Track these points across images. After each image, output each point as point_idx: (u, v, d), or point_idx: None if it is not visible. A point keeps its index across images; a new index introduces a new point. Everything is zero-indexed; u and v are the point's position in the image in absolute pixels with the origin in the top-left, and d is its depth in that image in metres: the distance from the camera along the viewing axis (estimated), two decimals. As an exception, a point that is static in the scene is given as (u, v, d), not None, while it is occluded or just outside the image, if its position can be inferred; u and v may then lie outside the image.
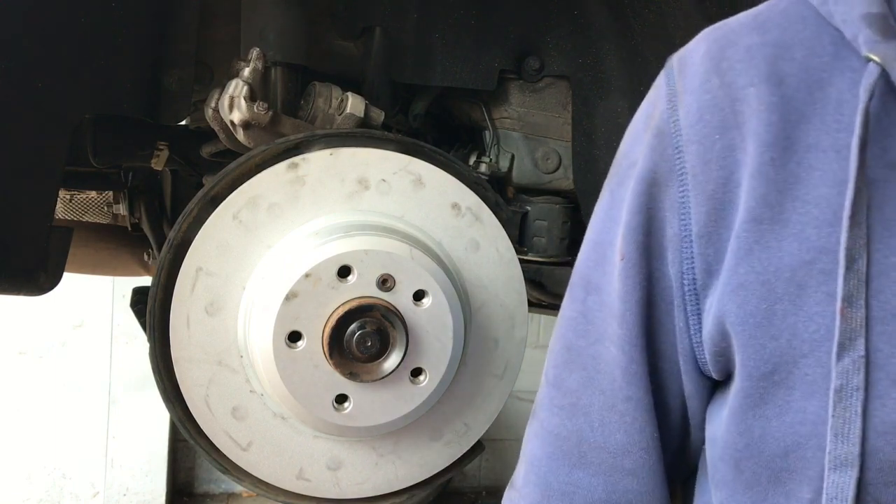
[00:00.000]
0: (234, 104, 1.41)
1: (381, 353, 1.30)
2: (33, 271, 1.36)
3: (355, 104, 1.51)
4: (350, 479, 1.45)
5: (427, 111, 1.81)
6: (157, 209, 2.06)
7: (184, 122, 1.85)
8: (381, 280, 1.32)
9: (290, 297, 1.28)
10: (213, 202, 1.34)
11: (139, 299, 1.91)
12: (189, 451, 4.00)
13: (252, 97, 1.42)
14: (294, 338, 1.30)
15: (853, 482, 0.66)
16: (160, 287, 1.34)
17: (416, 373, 1.36)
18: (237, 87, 1.42)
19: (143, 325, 1.52)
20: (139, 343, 3.70)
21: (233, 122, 1.43)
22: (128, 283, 2.85)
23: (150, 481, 3.84)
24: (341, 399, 1.34)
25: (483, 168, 1.77)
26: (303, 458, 1.42)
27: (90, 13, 1.33)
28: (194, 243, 1.33)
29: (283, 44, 1.54)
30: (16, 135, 1.30)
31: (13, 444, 3.70)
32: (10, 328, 3.66)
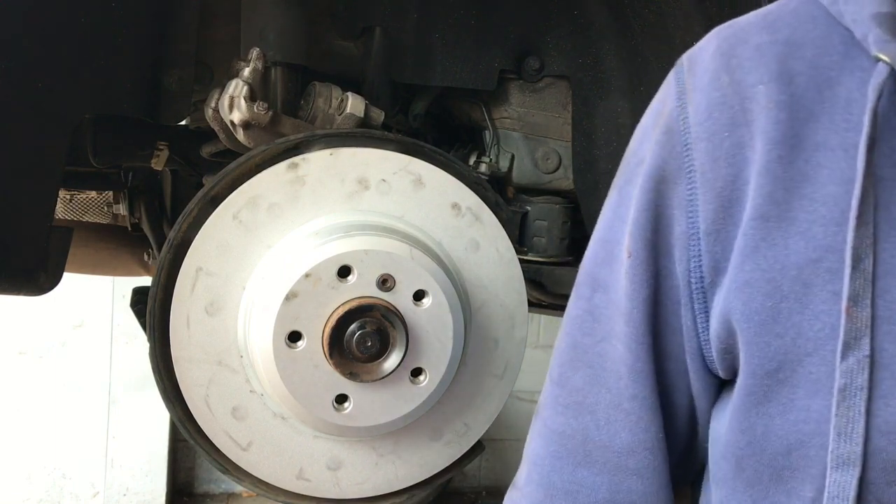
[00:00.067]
0: (234, 104, 1.41)
1: (381, 353, 1.30)
2: (33, 271, 1.37)
3: (355, 104, 1.51)
4: (350, 479, 1.45)
5: (427, 111, 1.81)
6: (157, 209, 2.06)
7: (184, 122, 1.85)
8: (381, 280, 1.32)
9: (290, 297, 1.28)
10: (213, 202, 1.34)
11: (139, 299, 1.91)
12: (189, 451, 4.00)
13: (252, 97, 1.42)
14: (294, 338, 1.30)
15: (855, 481, 0.66)
16: (160, 287, 1.34)
17: (416, 373, 1.36)
18: (237, 87, 1.42)
19: (143, 325, 1.52)
20: (139, 343, 3.70)
21: (233, 122, 1.43)
22: (128, 283, 2.84)
23: (150, 481, 3.84)
24: (341, 399, 1.34)
25: (483, 168, 1.77)
26: (303, 458, 1.42)
27: (90, 13, 1.33)
28: (194, 243, 1.33)
29: (283, 44, 1.54)
30: (16, 135, 1.30)
31: (13, 444, 3.70)
32: (10, 328, 3.66)
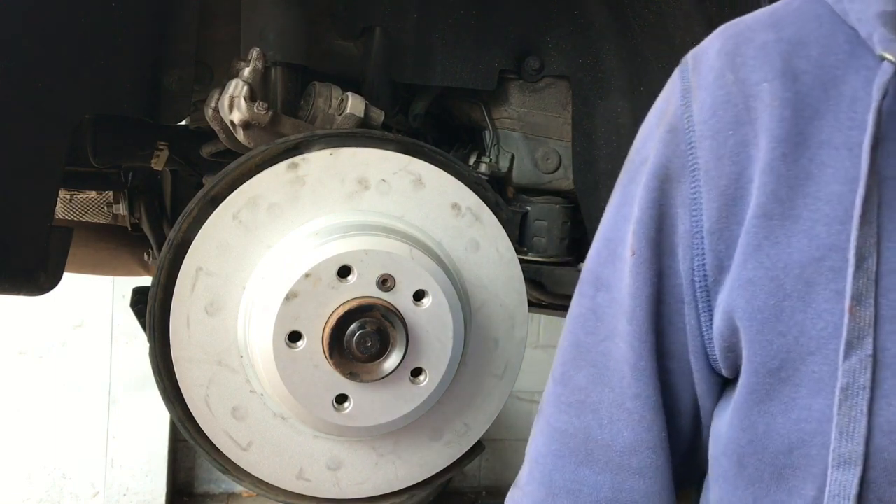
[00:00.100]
0: (234, 104, 1.41)
1: (381, 353, 1.30)
2: (33, 271, 1.37)
3: (355, 104, 1.51)
4: (350, 479, 1.45)
5: (427, 111, 1.81)
6: (157, 209, 2.06)
7: (184, 122, 1.85)
8: (381, 280, 1.32)
9: (290, 297, 1.28)
10: (213, 202, 1.34)
11: (139, 299, 1.91)
12: (189, 451, 4.00)
13: (252, 97, 1.42)
14: (294, 338, 1.30)
15: (856, 480, 0.66)
16: (160, 287, 1.34)
17: (416, 373, 1.36)
18: (237, 87, 1.42)
19: (143, 325, 1.52)
20: (139, 343, 3.69)
21: (233, 122, 1.43)
22: (128, 283, 2.84)
23: (150, 481, 3.84)
24: (341, 399, 1.34)
25: (483, 168, 1.77)
26: (303, 458, 1.42)
27: (90, 13, 1.33)
28: (194, 243, 1.33)
29: (283, 44, 1.54)
30: (16, 135, 1.30)
31: (13, 444, 3.70)
32: (10, 328, 3.66)
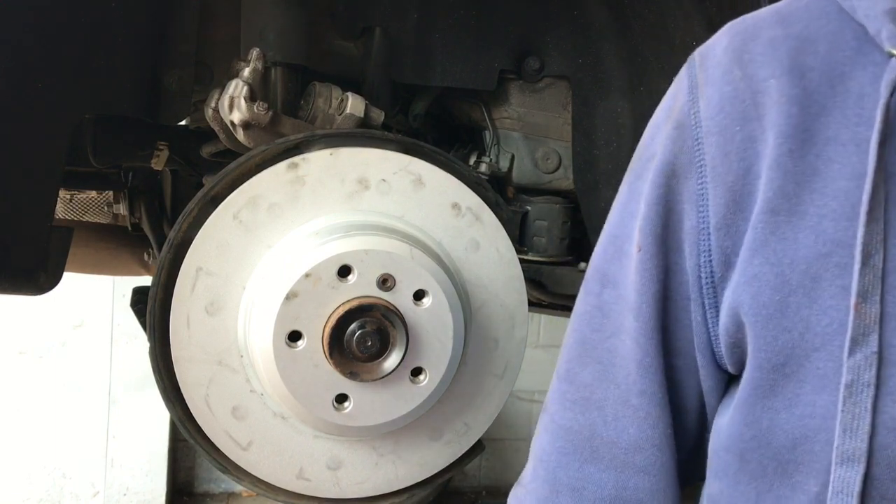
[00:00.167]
0: (234, 104, 1.41)
1: (381, 352, 1.30)
2: (33, 271, 1.37)
3: (355, 104, 1.51)
4: (350, 478, 1.45)
5: (427, 111, 1.81)
6: (157, 209, 2.06)
7: (184, 122, 1.85)
8: (381, 280, 1.32)
9: (290, 296, 1.29)
10: (213, 202, 1.34)
11: (139, 299, 1.91)
12: (189, 450, 4.00)
13: (252, 97, 1.42)
14: (294, 337, 1.30)
15: (860, 477, 0.66)
16: (160, 287, 1.34)
17: (416, 372, 1.36)
18: (237, 87, 1.42)
19: (143, 325, 1.52)
20: (139, 343, 3.69)
21: (233, 123, 1.43)
22: (128, 283, 2.84)
23: (150, 481, 3.84)
24: (341, 399, 1.34)
25: (483, 168, 1.77)
26: (303, 458, 1.42)
27: (90, 13, 1.33)
28: (194, 243, 1.33)
29: (283, 44, 1.54)
30: (16, 135, 1.30)
31: (13, 444, 3.70)
32: (10, 328, 3.66)
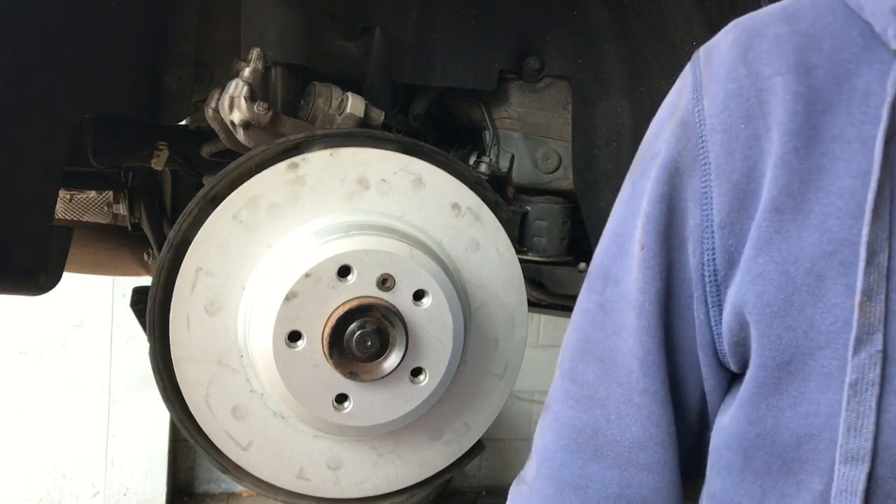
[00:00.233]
0: (234, 104, 1.41)
1: (381, 352, 1.30)
2: (33, 271, 1.37)
3: (355, 104, 1.51)
4: (350, 478, 1.45)
5: (427, 111, 1.81)
6: (157, 209, 2.06)
7: (184, 122, 1.85)
8: (381, 280, 1.32)
9: (290, 296, 1.28)
10: (213, 202, 1.34)
11: (139, 299, 1.91)
12: (189, 450, 4.00)
13: (252, 97, 1.42)
14: (294, 337, 1.30)
15: (864, 476, 0.66)
16: (160, 287, 1.34)
17: (416, 372, 1.36)
18: (237, 87, 1.42)
19: (143, 325, 1.52)
20: (139, 343, 3.70)
21: (233, 122, 1.43)
22: (128, 283, 2.85)
23: (150, 481, 3.84)
24: (341, 399, 1.34)
25: (483, 168, 1.77)
26: (303, 458, 1.42)
27: (90, 13, 1.33)
28: (194, 243, 1.33)
29: (283, 44, 1.54)
30: (16, 135, 1.30)
31: (13, 444, 3.70)
32: (10, 328, 3.66)
